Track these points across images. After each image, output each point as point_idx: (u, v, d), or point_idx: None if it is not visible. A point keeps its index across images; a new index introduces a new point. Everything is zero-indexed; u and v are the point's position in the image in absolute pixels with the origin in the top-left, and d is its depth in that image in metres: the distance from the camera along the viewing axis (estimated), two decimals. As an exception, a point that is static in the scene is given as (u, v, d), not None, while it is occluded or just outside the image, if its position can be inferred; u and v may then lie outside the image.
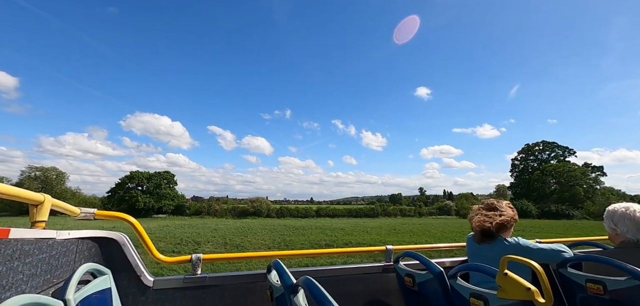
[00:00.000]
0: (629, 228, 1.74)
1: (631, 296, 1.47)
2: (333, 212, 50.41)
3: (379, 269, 2.26)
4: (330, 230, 22.48)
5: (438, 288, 1.72)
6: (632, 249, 1.71)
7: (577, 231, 25.27)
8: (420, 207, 55.74)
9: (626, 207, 1.80)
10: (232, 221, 35.11)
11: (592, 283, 1.64)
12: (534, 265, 1.29)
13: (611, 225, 1.85)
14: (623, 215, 1.78)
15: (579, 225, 34.28)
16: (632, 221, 1.73)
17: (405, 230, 23.60)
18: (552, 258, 1.83)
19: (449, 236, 20.49)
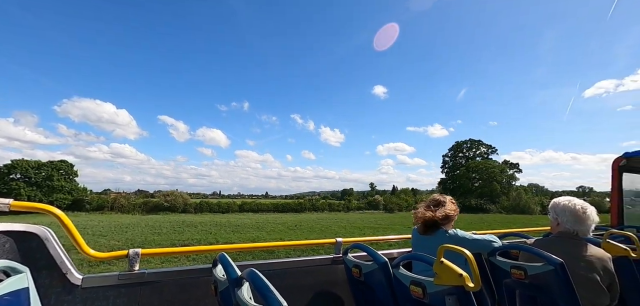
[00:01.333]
0: (568, 219, 1.88)
1: (546, 280, 1.69)
2: (258, 206, 48.13)
3: (328, 261, 2.30)
4: (229, 226, 21.56)
5: (382, 278, 1.79)
6: (568, 239, 1.86)
7: (483, 224, 26.18)
8: (350, 202, 55.55)
9: (569, 200, 1.93)
10: (130, 217, 31.44)
11: (516, 269, 1.83)
12: (466, 253, 1.43)
13: (554, 216, 1.97)
14: (565, 207, 1.91)
15: (486, 219, 36.04)
16: (572, 213, 1.87)
17: (306, 226, 22.83)
18: (484, 248, 2.04)
19: (347, 229, 20.68)
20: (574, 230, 1.87)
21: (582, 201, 1.92)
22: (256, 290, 0.86)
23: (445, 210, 2.06)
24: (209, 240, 14.76)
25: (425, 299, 1.49)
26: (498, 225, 26.89)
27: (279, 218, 32.45)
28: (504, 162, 70.11)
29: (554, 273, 1.63)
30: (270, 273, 2.02)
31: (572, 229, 1.88)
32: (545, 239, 2.05)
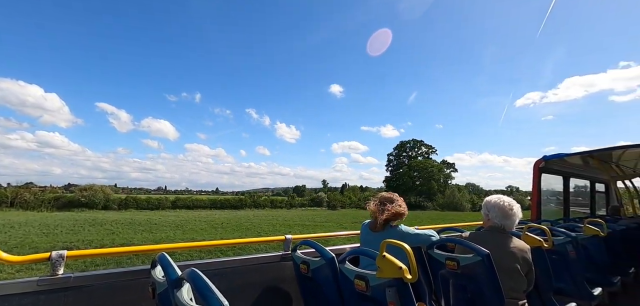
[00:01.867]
0: (497, 215, 2.09)
1: (475, 269, 1.86)
2: (194, 203, 45.10)
3: (277, 258, 2.32)
4: (144, 224, 20.01)
5: (329, 273, 1.84)
6: (496, 233, 2.07)
7: (415, 221, 26.40)
8: (294, 198, 54.70)
9: (499, 197, 2.14)
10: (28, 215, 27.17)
11: (450, 261, 2.00)
12: (405, 247, 1.51)
13: (485, 212, 2.19)
14: (495, 204, 2.12)
15: (420, 216, 37.53)
16: (500, 209, 2.08)
17: (233, 224, 21.55)
18: (424, 242, 2.21)
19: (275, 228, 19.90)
20: (502, 224, 2.08)
21: (510, 199, 2.12)
22: (196, 290, 0.83)
23: (396, 208, 2.17)
24: (104, 242, 12.82)
25: (368, 292, 1.58)
26: (429, 221, 27.83)
27: (211, 216, 30.60)
28: (442, 161, 74.52)
29: (482, 263, 1.83)
30: (217, 273, 2.01)
31: (500, 224, 2.08)
32: (477, 233, 2.28)
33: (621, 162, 6.59)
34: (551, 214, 5.78)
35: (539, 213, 5.13)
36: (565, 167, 5.86)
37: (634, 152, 5.22)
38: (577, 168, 6.23)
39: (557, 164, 5.52)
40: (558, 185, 6.12)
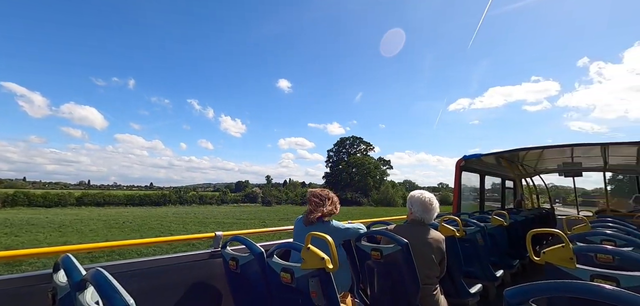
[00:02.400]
0: (418, 209, 2.26)
1: (396, 258, 2.02)
2: (106, 199, 39.86)
3: (206, 256, 2.28)
4: (18, 225, 17.58)
5: (257, 268, 1.88)
6: (417, 225, 2.25)
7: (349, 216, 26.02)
8: (225, 194, 51.84)
9: (421, 193, 2.30)
10: None
11: (374, 251, 2.16)
12: (327, 238, 1.59)
13: (409, 206, 2.34)
14: (417, 199, 2.28)
15: (353, 211, 37.87)
16: (421, 204, 2.25)
17: (137, 223, 19.45)
18: (353, 235, 2.33)
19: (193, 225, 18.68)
20: (422, 217, 2.26)
21: (430, 194, 2.31)
22: (99, 292, 0.77)
23: (330, 204, 2.30)
24: None
25: (293, 283, 1.65)
26: (360, 216, 27.89)
27: (120, 214, 27.01)
28: (379, 159, 77.29)
29: (401, 252, 1.98)
30: (137, 273, 1.91)
31: (421, 217, 2.26)
32: (401, 225, 2.43)
33: (524, 162, 7.41)
34: (470, 207, 6.27)
35: (459, 206, 5.55)
36: (481, 166, 6.47)
37: (533, 153, 6.04)
38: (491, 167, 6.95)
39: (475, 163, 6.02)
40: (476, 182, 6.78)
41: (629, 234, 2.54)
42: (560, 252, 1.72)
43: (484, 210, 6.25)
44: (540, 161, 7.36)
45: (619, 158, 6.35)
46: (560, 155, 6.54)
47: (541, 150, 5.73)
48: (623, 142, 4.62)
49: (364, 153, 76.60)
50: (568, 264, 1.68)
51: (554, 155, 6.59)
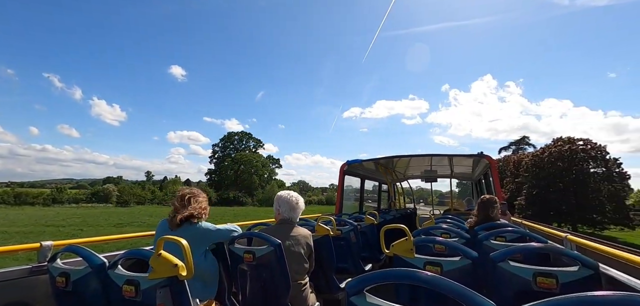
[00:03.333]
0: (286, 208, 2.28)
1: (269, 259, 1.98)
2: None
3: (25, 273, 1.83)
4: None
5: (96, 282, 1.63)
6: (286, 224, 2.26)
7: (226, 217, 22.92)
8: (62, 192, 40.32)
9: (288, 193, 2.36)
10: None
11: (247, 254, 2.07)
12: (180, 241, 1.43)
13: (277, 207, 2.34)
14: (285, 199, 2.30)
15: (227, 212, 33.83)
16: (288, 203, 2.28)
17: None
18: (224, 237, 2.20)
19: None
20: (290, 216, 2.29)
21: (296, 194, 2.37)
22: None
23: (197, 204, 2.10)
24: None
25: (138, 297, 1.44)
26: (235, 217, 25.10)
27: None
28: (268, 157, 74.84)
29: (274, 253, 1.96)
30: None
31: (288, 216, 2.29)
32: (271, 226, 2.44)
33: (396, 169, 8.30)
34: (351, 208, 6.83)
35: (341, 207, 5.94)
36: (362, 171, 7.14)
37: (403, 161, 7.18)
38: (370, 172, 7.57)
39: (356, 168, 6.61)
40: (357, 184, 7.40)
41: (458, 227, 3.11)
42: (403, 245, 1.93)
43: (362, 211, 6.66)
44: (408, 168, 8.35)
45: (460, 167, 7.74)
46: (422, 164, 7.69)
47: (409, 159, 6.84)
48: (462, 154, 6.17)
49: (253, 150, 72.84)
50: (409, 254, 1.90)
51: (418, 164, 7.65)
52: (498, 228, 2.77)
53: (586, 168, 28.19)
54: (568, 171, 28.10)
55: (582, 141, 29.81)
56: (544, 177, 29.21)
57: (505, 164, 52.95)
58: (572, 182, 28.21)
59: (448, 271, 1.76)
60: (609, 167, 27.92)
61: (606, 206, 26.47)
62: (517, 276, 1.65)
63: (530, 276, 1.61)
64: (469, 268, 1.77)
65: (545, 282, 1.58)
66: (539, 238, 2.56)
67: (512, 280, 1.66)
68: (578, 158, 28.12)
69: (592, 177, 27.73)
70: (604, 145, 28.24)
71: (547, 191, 28.99)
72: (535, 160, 30.90)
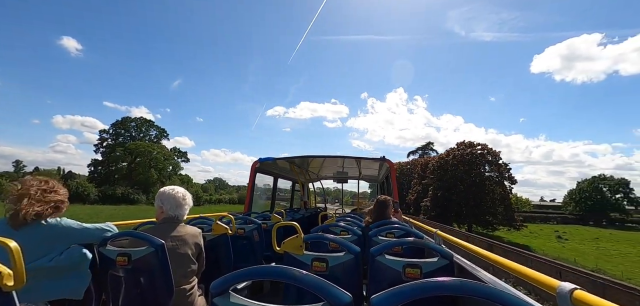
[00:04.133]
0: (171, 205, 2.02)
1: (149, 261, 1.77)
2: None
3: None
4: None
5: None
6: (170, 223, 1.99)
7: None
8: None
9: (172, 189, 2.08)
10: None
11: (121, 256, 1.82)
12: (7, 243, 1.20)
13: (159, 204, 2.06)
14: (169, 195, 2.03)
15: (103, 210, 26.94)
16: (174, 200, 2.03)
17: None
18: (94, 237, 1.90)
19: None
20: (175, 214, 2.03)
21: (183, 189, 2.13)
22: None
23: (52, 196, 1.79)
24: None
25: None
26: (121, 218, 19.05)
27: None
28: (173, 149, 65.78)
29: (155, 255, 1.75)
30: None
31: (174, 214, 2.03)
32: (153, 225, 2.16)
33: (310, 169, 8.62)
34: (262, 206, 6.84)
35: (251, 206, 5.75)
36: (276, 169, 7.14)
37: (317, 161, 7.34)
38: (284, 171, 7.73)
39: (269, 166, 6.44)
40: (270, 182, 7.52)
41: (355, 225, 3.34)
42: (294, 242, 1.98)
43: (274, 210, 6.48)
44: (322, 169, 8.64)
45: (368, 170, 8.15)
46: (335, 165, 8.07)
47: (323, 159, 7.08)
48: (367, 158, 6.55)
49: (154, 141, 62.92)
50: (298, 251, 1.95)
51: (331, 165, 7.98)
52: (389, 225, 2.99)
53: (483, 171, 30.62)
54: (468, 173, 30.08)
55: (480, 146, 32.06)
56: (448, 180, 30.67)
57: (413, 167, 56.53)
58: (471, 185, 30.04)
59: (333, 266, 1.89)
60: (501, 171, 30.76)
61: (498, 208, 28.89)
62: (391, 268, 1.86)
63: (400, 267, 1.85)
64: (352, 263, 1.92)
65: (412, 272, 1.83)
66: (417, 233, 2.94)
67: (387, 272, 1.87)
68: (477, 162, 30.29)
69: (488, 180, 30.11)
70: (498, 151, 31.04)
71: (450, 193, 30.54)
72: (441, 162, 32.10)
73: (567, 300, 0.96)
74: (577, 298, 0.93)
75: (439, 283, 0.80)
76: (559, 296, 1.00)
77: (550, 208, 71.87)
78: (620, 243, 31.68)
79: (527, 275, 1.39)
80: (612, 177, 57.93)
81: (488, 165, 31.11)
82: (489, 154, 31.10)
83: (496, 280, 1.59)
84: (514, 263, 1.59)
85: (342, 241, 2.04)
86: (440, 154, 34.43)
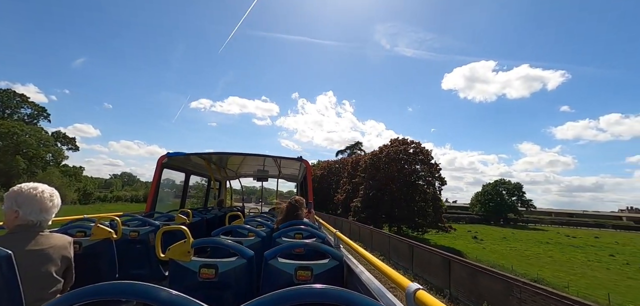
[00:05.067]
0: (34, 209, 1.61)
1: None
2: None
3: None
4: None
5: None
6: (27, 231, 1.56)
7: None
8: None
9: (34, 187, 1.66)
10: None
11: None
12: None
13: (13, 207, 1.60)
14: (28, 195, 1.61)
15: None
16: (39, 203, 1.62)
17: None
18: None
19: None
20: (37, 220, 1.62)
21: (50, 188, 1.71)
22: None
23: None
24: None
25: None
26: None
27: None
28: (57, 133, 52.64)
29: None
30: None
31: (35, 219, 1.62)
32: (2, 236, 1.68)
33: (228, 167, 8.08)
34: (169, 206, 6.24)
35: (154, 205, 5.12)
36: (188, 165, 6.48)
37: (235, 159, 6.84)
38: (198, 168, 6.95)
39: (180, 161, 5.96)
40: (181, 180, 6.81)
41: (263, 226, 3.29)
42: (181, 247, 1.80)
43: (184, 209, 5.66)
44: (241, 166, 8.17)
45: (288, 169, 7.90)
46: (255, 163, 7.69)
47: (243, 157, 6.44)
48: (286, 157, 6.20)
49: (28, 121, 49.21)
50: (186, 258, 1.79)
51: (251, 163, 7.55)
52: (296, 226, 2.87)
53: (416, 170, 29.62)
54: (401, 172, 28.84)
55: (414, 144, 30.67)
56: (380, 179, 28.91)
57: (343, 166, 55.24)
58: (404, 185, 28.62)
59: (224, 273, 1.78)
60: (432, 172, 30.13)
61: (428, 209, 28.09)
62: (284, 272, 1.81)
63: (293, 270, 1.81)
64: (245, 268, 1.85)
65: (303, 275, 1.80)
66: (320, 235, 2.78)
67: (279, 276, 1.81)
68: (410, 160, 29.26)
69: (420, 180, 29.09)
70: (430, 150, 30.28)
71: (382, 193, 28.68)
72: (373, 160, 30.14)
73: (412, 299, 1.08)
74: (418, 297, 1.06)
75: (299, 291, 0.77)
76: (407, 295, 1.11)
77: (459, 208, 79.65)
78: (525, 243, 34.43)
79: (387, 273, 1.53)
80: (510, 181, 65.86)
81: (420, 165, 30.13)
82: (421, 153, 30.17)
83: (372, 278, 1.66)
84: (378, 261, 1.82)
85: (234, 246, 1.95)
86: (373, 151, 32.40)
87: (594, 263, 25.67)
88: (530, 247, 31.64)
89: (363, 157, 36.69)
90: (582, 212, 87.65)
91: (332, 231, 3.15)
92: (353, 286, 1.83)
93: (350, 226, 24.39)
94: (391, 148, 30.19)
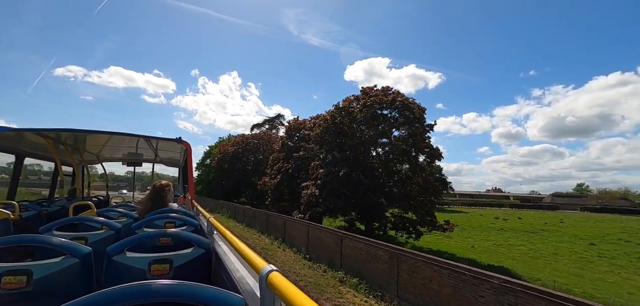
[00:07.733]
0: None
1: None
2: None
3: None
4: None
5: None
6: None
7: None
8: None
9: None
10: None
11: None
12: None
13: None
14: None
15: None
16: None
17: None
18: None
19: None
20: None
21: None
22: None
23: None
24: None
25: None
26: None
27: None
28: None
29: None
30: None
31: None
32: None
33: (88, 149, 6.87)
34: None
35: None
36: (22, 145, 5.33)
37: (96, 138, 5.74)
38: (39, 149, 5.64)
39: (9, 140, 4.81)
40: (10, 163, 5.53)
41: (125, 217, 3.01)
42: None
43: (13, 200, 4.52)
44: (105, 148, 7.06)
45: (167, 152, 7.07)
46: (126, 145, 6.57)
47: (108, 137, 5.49)
48: (164, 138, 5.49)
49: None
50: None
51: (121, 144, 6.47)
52: (164, 214, 2.62)
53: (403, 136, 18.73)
54: (382, 135, 17.88)
55: (393, 91, 19.29)
56: (353, 147, 17.56)
57: (267, 140, 42.51)
58: (390, 159, 17.96)
59: (41, 279, 1.47)
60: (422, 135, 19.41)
61: (420, 197, 18.27)
62: (134, 268, 1.60)
63: (146, 265, 1.61)
64: (77, 269, 1.54)
65: (159, 269, 1.60)
66: (194, 223, 2.55)
67: (128, 273, 1.58)
68: (393, 119, 18.55)
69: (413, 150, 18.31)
70: (412, 99, 20.17)
71: (357, 169, 17.67)
72: (335, 119, 18.71)
73: (264, 281, 1.06)
74: (270, 279, 1.04)
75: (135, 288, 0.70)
76: (260, 278, 1.09)
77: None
78: (468, 231, 29.72)
79: (245, 256, 1.39)
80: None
81: (406, 127, 18.70)
82: (405, 108, 18.93)
83: (238, 264, 1.59)
84: (239, 242, 1.58)
85: (59, 243, 1.59)
86: (335, 105, 19.66)
87: (595, 258, 20.84)
88: (480, 236, 26.60)
89: (314, 118, 24.74)
90: (484, 192, 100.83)
91: (206, 215, 3.01)
92: (219, 276, 1.71)
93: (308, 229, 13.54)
94: (368, 100, 18.57)
